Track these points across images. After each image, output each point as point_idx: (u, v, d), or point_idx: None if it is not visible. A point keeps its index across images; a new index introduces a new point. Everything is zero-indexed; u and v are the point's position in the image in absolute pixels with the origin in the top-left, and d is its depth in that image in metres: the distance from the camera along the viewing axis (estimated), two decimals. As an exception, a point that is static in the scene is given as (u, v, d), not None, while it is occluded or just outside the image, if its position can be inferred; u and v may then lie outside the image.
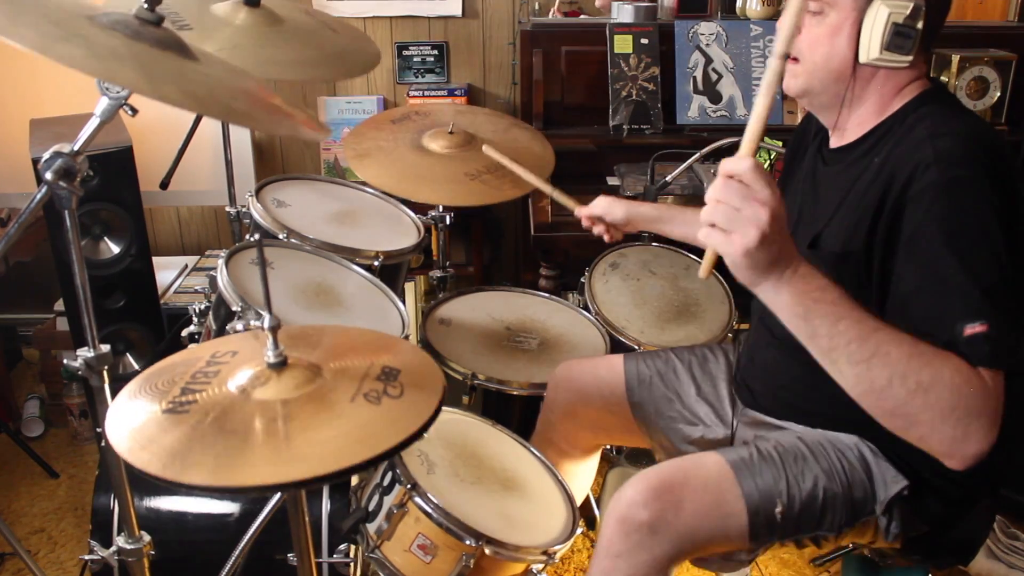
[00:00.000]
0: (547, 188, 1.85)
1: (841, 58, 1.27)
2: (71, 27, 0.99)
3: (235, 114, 1.08)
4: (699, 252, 2.28)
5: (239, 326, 1.55)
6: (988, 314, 1.06)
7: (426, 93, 2.96)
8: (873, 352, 1.03)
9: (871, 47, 1.24)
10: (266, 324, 1.00)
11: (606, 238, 1.89)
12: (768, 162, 2.44)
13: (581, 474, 1.83)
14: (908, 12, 1.21)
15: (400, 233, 2.07)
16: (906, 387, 1.03)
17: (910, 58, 1.23)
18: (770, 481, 1.30)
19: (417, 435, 0.94)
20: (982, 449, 1.05)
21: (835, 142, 1.38)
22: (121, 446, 0.91)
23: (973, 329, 1.05)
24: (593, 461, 1.86)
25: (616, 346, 2.00)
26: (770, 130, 2.72)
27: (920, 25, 1.22)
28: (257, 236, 1.88)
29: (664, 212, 1.88)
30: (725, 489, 1.28)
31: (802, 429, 1.41)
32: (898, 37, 1.22)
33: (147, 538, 1.45)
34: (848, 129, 1.34)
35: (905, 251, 1.16)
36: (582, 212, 1.86)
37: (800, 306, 1.04)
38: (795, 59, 1.32)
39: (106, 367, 1.33)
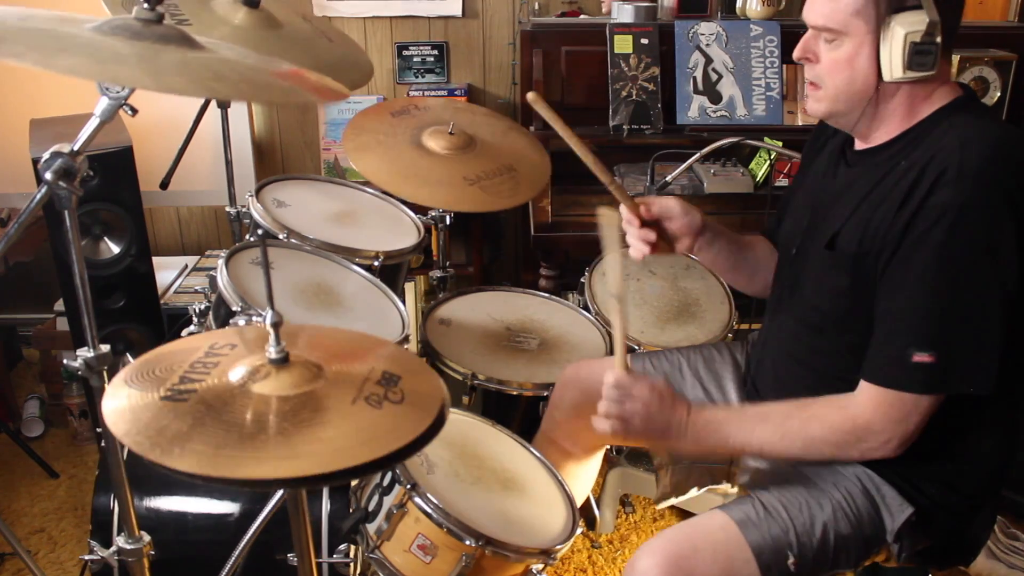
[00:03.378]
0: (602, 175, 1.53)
1: (863, 80, 1.27)
2: (71, 39, 0.99)
3: (244, 92, 1.08)
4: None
5: (240, 321, 1.55)
6: (940, 345, 1.19)
7: (426, 93, 2.96)
8: (760, 448, 1.34)
9: (893, 67, 1.24)
10: (268, 320, 1.00)
11: (644, 250, 1.48)
12: (768, 162, 2.45)
13: (583, 475, 1.83)
14: (924, 29, 1.21)
15: (400, 233, 2.07)
16: (795, 452, 1.31)
17: (934, 71, 1.24)
18: (779, 533, 1.29)
19: (422, 443, 0.94)
20: (899, 449, 1.27)
21: (861, 145, 1.39)
22: (118, 429, 0.90)
23: (920, 358, 1.20)
24: (595, 462, 1.86)
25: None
26: (770, 130, 2.73)
27: (938, 39, 1.22)
28: (260, 233, 1.87)
29: (742, 238, 1.61)
30: (735, 551, 1.28)
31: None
32: (918, 55, 1.22)
33: (147, 538, 1.45)
34: (875, 135, 1.35)
35: (899, 261, 1.23)
36: (637, 211, 1.50)
37: (698, 446, 1.37)
38: (815, 85, 1.33)
39: (106, 367, 1.33)
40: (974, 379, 1.21)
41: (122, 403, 0.95)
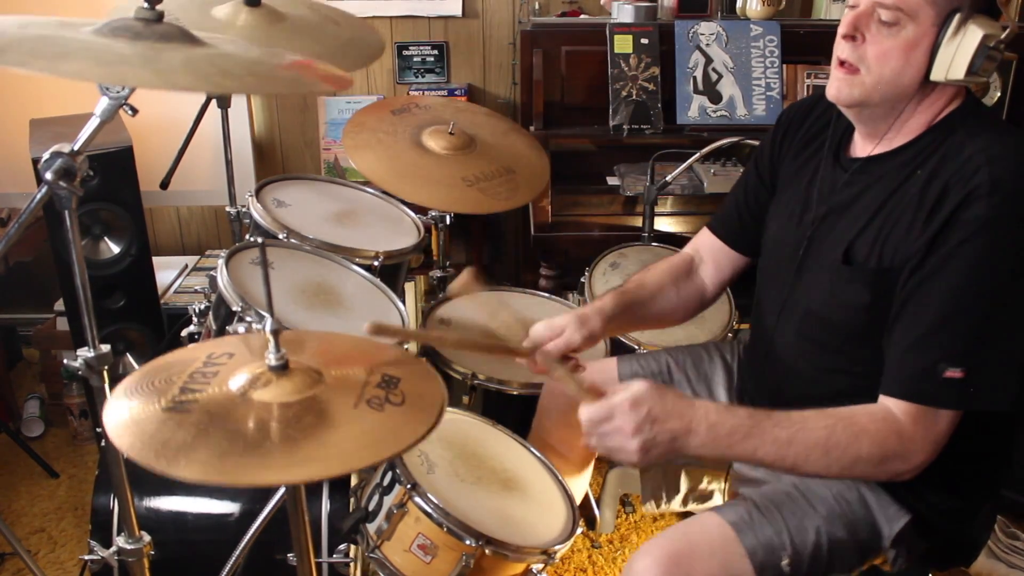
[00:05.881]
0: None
1: (912, 75, 1.21)
2: (72, 43, 0.99)
3: (251, 85, 1.08)
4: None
5: (240, 327, 1.55)
6: (969, 361, 1.16)
7: (426, 93, 2.96)
8: (794, 463, 1.20)
9: (954, 67, 1.18)
10: (268, 328, 1.00)
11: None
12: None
13: (577, 478, 1.83)
14: (1002, 36, 1.18)
15: (400, 233, 2.07)
16: (834, 470, 1.21)
17: (986, 79, 1.22)
18: (771, 534, 1.28)
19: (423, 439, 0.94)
20: (918, 471, 1.22)
21: (864, 150, 1.33)
22: (123, 442, 0.91)
23: (952, 373, 1.17)
24: (588, 465, 1.85)
25: (616, 346, 2.00)
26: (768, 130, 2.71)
27: (1003, 47, 1.19)
28: (260, 241, 1.87)
29: (635, 292, 1.55)
30: (730, 552, 1.26)
31: None
32: (987, 60, 1.18)
33: (147, 538, 1.45)
34: (888, 139, 1.29)
35: (927, 276, 1.19)
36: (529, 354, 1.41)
37: (719, 453, 1.22)
38: (852, 67, 1.24)
39: (106, 367, 1.33)
40: (999, 396, 1.19)
41: (124, 416, 0.95)
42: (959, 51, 1.18)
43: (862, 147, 1.35)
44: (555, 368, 1.35)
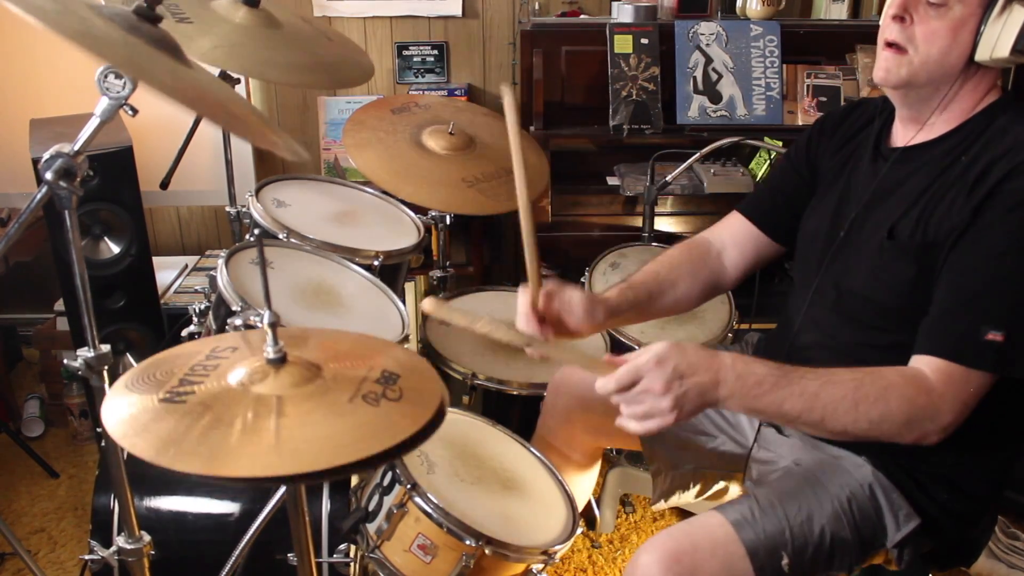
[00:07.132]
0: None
1: (959, 54, 1.24)
2: (72, 8, 0.99)
3: (226, 118, 1.08)
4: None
5: (239, 322, 1.55)
6: (1011, 325, 1.17)
7: (426, 93, 2.96)
8: (822, 416, 1.18)
9: (998, 47, 1.21)
10: (266, 320, 1.00)
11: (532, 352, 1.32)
12: (768, 162, 2.45)
13: (583, 478, 1.83)
14: None
15: (400, 233, 2.07)
16: (862, 425, 1.18)
17: None
18: (773, 533, 1.27)
19: (419, 439, 0.94)
20: (946, 435, 1.20)
21: (906, 139, 1.35)
22: (116, 432, 0.91)
23: (993, 336, 1.18)
24: (594, 465, 1.85)
25: (616, 346, 2.00)
26: (770, 130, 2.73)
27: None
28: (257, 233, 1.87)
29: (646, 286, 1.50)
30: (731, 551, 1.26)
31: (816, 458, 1.39)
32: None
33: (147, 538, 1.45)
34: (930, 126, 1.31)
35: (971, 243, 1.21)
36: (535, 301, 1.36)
37: (746, 407, 1.20)
38: (900, 48, 1.26)
39: (106, 367, 1.33)
40: None
41: (121, 406, 0.95)
42: (1004, 30, 1.20)
43: (903, 135, 1.36)
44: (563, 350, 1.32)
